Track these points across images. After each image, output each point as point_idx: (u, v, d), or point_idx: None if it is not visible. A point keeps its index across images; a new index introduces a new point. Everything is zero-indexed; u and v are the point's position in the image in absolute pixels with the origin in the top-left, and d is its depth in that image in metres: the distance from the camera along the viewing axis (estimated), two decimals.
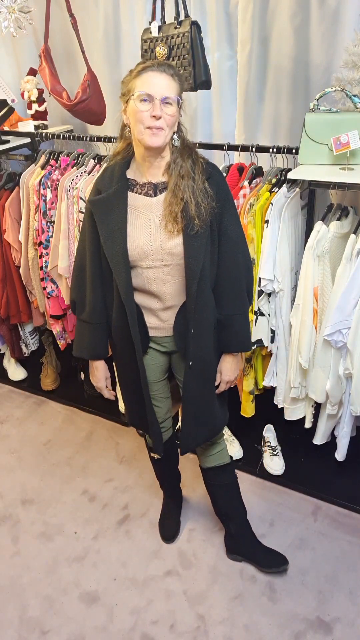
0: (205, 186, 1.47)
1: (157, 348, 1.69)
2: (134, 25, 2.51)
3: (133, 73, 1.41)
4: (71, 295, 1.69)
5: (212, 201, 1.47)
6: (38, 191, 2.39)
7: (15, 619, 1.87)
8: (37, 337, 2.99)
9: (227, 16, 2.27)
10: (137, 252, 1.50)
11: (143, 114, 1.37)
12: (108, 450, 2.58)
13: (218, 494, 1.95)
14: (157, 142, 1.40)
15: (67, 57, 2.77)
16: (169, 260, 1.50)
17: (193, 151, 1.51)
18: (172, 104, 1.39)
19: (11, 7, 2.24)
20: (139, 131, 1.41)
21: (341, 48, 1.99)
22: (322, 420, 2.12)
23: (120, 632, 1.80)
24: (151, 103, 1.37)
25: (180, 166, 1.46)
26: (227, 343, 1.64)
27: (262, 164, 2.17)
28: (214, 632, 1.78)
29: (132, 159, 1.55)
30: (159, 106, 1.37)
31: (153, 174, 1.50)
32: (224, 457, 1.86)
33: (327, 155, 1.88)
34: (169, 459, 2.04)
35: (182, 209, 1.45)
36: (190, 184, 1.45)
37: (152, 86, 1.37)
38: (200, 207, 1.45)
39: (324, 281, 1.91)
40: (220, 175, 1.55)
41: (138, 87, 1.38)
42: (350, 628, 1.76)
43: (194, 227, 1.45)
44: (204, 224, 1.46)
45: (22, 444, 2.65)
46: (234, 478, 1.92)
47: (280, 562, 1.93)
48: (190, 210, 1.44)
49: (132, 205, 1.51)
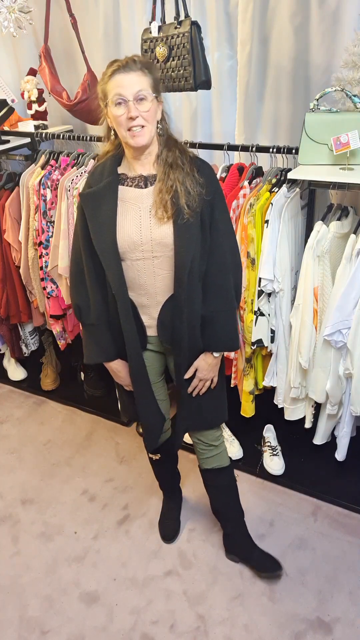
0: (194, 174, 1.48)
1: (151, 348, 1.69)
2: (134, 25, 2.51)
3: (105, 77, 1.43)
4: (74, 300, 1.66)
5: (202, 188, 1.47)
6: (38, 191, 2.39)
7: (15, 619, 1.87)
8: (37, 337, 2.99)
9: (227, 16, 2.27)
10: (126, 243, 1.50)
11: (120, 119, 1.41)
12: (108, 450, 2.58)
13: (215, 496, 1.94)
14: (142, 141, 1.43)
15: (67, 57, 2.77)
16: (159, 251, 1.50)
17: (178, 142, 1.53)
18: (146, 97, 1.40)
19: (11, 7, 2.24)
20: (122, 135, 1.44)
21: (341, 48, 1.99)
22: (322, 420, 2.12)
23: (120, 632, 1.80)
24: (125, 105, 1.39)
25: (167, 155, 1.49)
26: (208, 341, 1.61)
27: (262, 164, 2.17)
28: (214, 632, 1.78)
29: (123, 157, 1.56)
30: (133, 107, 1.39)
31: (143, 167, 1.52)
32: (222, 459, 1.85)
33: (327, 155, 1.88)
34: (168, 459, 2.04)
35: (172, 197, 1.46)
36: (179, 172, 1.47)
37: (122, 88, 1.39)
38: (190, 195, 1.45)
39: (324, 281, 1.91)
40: (210, 169, 1.55)
41: (110, 91, 1.41)
42: (350, 628, 1.76)
43: (183, 216, 1.45)
44: (193, 213, 1.46)
45: (22, 444, 2.65)
46: (232, 480, 1.92)
47: (274, 567, 1.91)
48: (180, 199, 1.45)
49: (123, 198, 1.52)
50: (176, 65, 1.99)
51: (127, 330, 1.57)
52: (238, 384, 2.30)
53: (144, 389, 1.68)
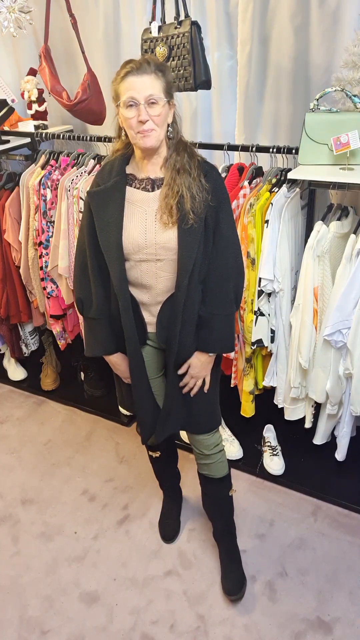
0: (201, 180, 1.48)
1: (151, 344, 1.70)
2: (134, 25, 2.51)
3: (118, 78, 1.43)
4: (76, 293, 1.67)
5: (208, 194, 1.47)
6: (38, 191, 2.39)
7: (15, 619, 1.87)
8: (37, 337, 2.99)
9: (227, 16, 2.27)
10: (131, 245, 1.51)
11: (131, 121, 1.41)
12: (108, 450, 2.58)
13: (204, 500, 1.95)
14: (150, 143, 1.44)
15: (67, 57, 2.77)
16: (163, 254, 1.51)
17: (188, 146, 1.53)
18: (158, 101, 1.40)
19: (11, 7, 2.24)
20: (132, 136, 1.45)
21: (341, 48, 1.99)
22: (322, 420, 2.12)
23: (120, 632, 1.80)
24: (137, 108, 1.40)
25: (176, 160, 1.49)
26: (202, 341, 1.61)
27: (262, 164, 2.17)
28: (214, 632, 1.78)
29: (131, 156, 1.56)
30: (144, 110, 1.39)
31: (151, 169, 1.52)
32: (214, 471, 1.82)
33: (327, 155, 1.88)
34: (168, 458, 2.03)
35: (177, 202, 1.46)
36: (186, 177, 1.47)
37: (134, 91, 1.39)
38: (195, 201, 1.45)
39: (324, 281, 1.91)
40: (218, 174, 1.55)
41: (122, 93, 1.41)
42: (350, 628, 1.76)
43: (188, 221, 1.45)
44: (198, 219, 1.46)
45: (22, 444, 2.65)
46: (222, 493, 1.88)
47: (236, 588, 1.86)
48: (185, 204, 1.45)
49: (130, 199, 1.52)
50: (176, 65, 1.99)
51: (127, 326, 1.57)
52: (238, 384, 2.30)
53: (142, 384, 1.68)
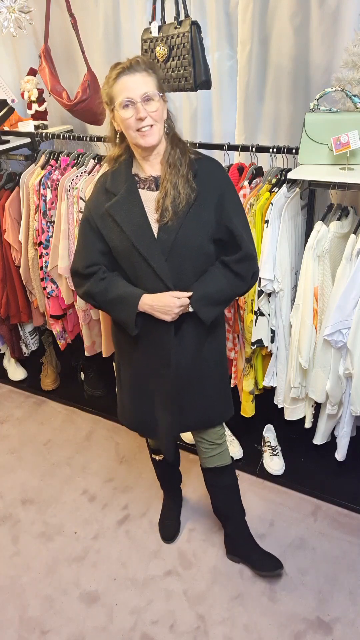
0: (188, 177, 1.48)
1: None
2: (134, 25, 2.51)
3: (109, 81, 1.43)
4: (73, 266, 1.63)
5: (192, 192, 1.47)
6: (38, 191, 2.39)
7: (15, 619, 1.87)
8: (37, 337, 2.99)
9: (227, 16, 2.27)
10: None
11: (129, 121, 1.42)
12: (108, 450, 2.58)
13: (217, 495, 1.95)
14: (153, 141, 1.44)
15: (67, 57, 2.77)
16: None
17: (181, 140, 1.54)
18: (153, 98, 1.41)
19: (11, 7, 2.23)
20: (132, 136, 1.45)
21: (341, 48, 1.99)
22: (322, 420, 2.12)
23: (120, 632, 1.80)
24: (134, 107, 1.40)
25: (170, 154, 1.50)
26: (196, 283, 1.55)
27: (262, 164, 2.17)
28: (214, 632, 1.78)
29: (133, 158, 1.57)
30: (142, 108, 1.40)
31: (152, 167, 1.53)
32: (224, 458, 1.86)
33: (327, 155, 1.88)
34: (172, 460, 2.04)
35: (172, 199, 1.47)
36: (175, 173, 1.48)
37: (129, 91, 1.39)
38: (176, 199, 1.46)
39: (324, 281, 1.91)
40: (214, 165, 1.55)
41: (116, 95, 1.42)
42: (350, 628, 1.76)
43: (164, 218, 1.47)
44: (176, 218, 1.46)
45: (22, 444, 2.65)
46: (234, 480, 1.92)
47: (275, 565, 1.91)
48: (166, 200, 1.46)
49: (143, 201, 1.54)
50: (176, 65, 1.99)
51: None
52: (238, 384, 2.30)
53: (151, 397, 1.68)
